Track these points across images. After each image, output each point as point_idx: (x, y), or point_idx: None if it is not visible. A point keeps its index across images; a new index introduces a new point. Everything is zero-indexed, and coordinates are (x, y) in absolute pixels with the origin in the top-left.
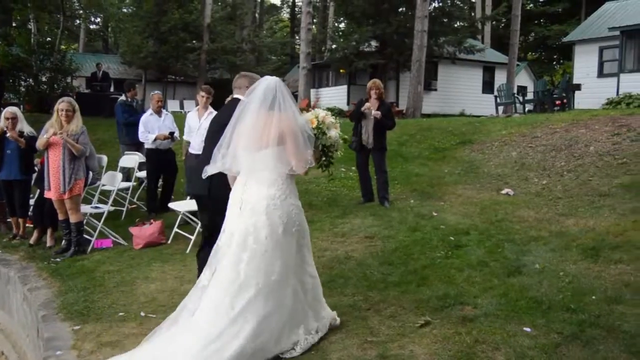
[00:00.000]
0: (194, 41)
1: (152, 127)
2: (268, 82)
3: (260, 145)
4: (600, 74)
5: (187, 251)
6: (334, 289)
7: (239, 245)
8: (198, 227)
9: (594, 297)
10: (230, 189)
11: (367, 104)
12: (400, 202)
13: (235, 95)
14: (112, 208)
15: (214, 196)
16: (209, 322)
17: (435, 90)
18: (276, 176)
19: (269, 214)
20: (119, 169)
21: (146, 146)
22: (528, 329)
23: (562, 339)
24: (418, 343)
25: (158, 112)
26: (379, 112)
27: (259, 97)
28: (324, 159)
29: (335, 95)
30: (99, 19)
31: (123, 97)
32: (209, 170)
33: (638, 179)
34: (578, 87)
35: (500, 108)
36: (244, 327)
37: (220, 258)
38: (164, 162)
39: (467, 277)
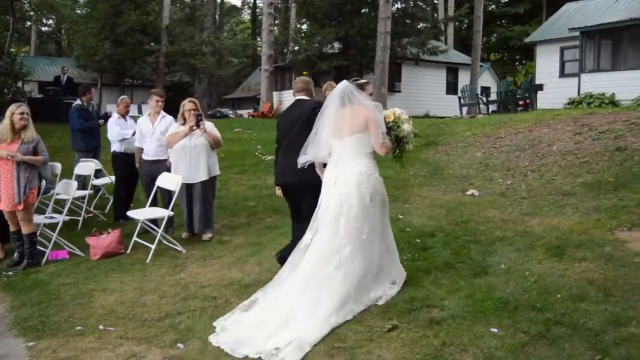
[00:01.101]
0: (152, 43)
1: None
2: (339, 86)
3: (346, 133)
4: (562, 74)
5: (147, 261)
6: None
7: (335, 212)
8: (158, 235)
9: (559, 296)
10: (314, 176)
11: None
12: None
13: (298, 97)
14: (68, 218)
15: (304, 183)
16: (310, 275)
17: (399, 91)
18: (362, 156)
19: (359, 186)
20: (74, 176)
21: (113, 149)
22: (495, 330)
23: (528, 338)
24: (386, 347)
25: (124, 117)
26: None
27: (336, 98)
28: (397, 151)
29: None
30: (51, 21)
31: (78, 102)
32: (302, 161)
33: (600, 177)
34: (540, 87)
35: (465, 109)
36: (342, 280)
37: (320, 222)
38: (131, 167)
39: (433, 280)
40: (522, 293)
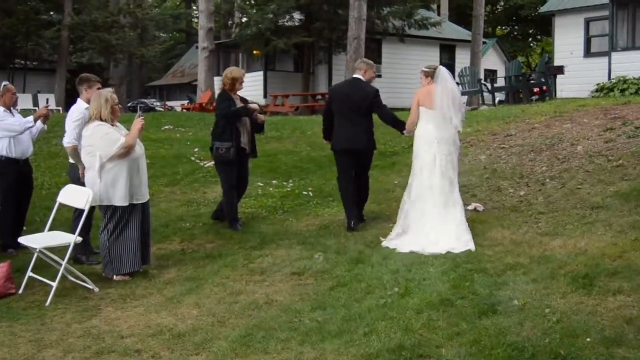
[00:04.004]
0: (52, 13)
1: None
2: (443, 70)
3: (447, 107)
4: (588, 53)
5: (47, 303)
6: (252, 345)
7: (442, 165)
8: (62, 270)
9: (588, 340)
10: (374, 142)
11: (253, 105)
12: (336, 226)
13: (356, 76)
14: None
15: (371, 147)
16: (432, 221)
17: (380, 76)
18: (452, 124)
19: (455, 143)
20: None
21: (0, 152)
22: None
23: None
24: None
25: (10, 110)
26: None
27: (444, 79)
28: None
29: (248, 86)
30: None
31: None
32: (459, 127)
33: (638, 185)
34: (560, 70)
35: (464, 99)
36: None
37: (429, 175)
38: (22, 179)
39: (427, 321)
40: (542, 337)
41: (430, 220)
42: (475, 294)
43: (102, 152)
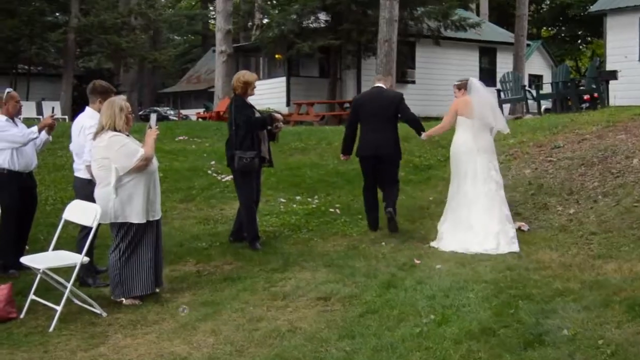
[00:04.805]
0: (58, 14)
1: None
2: (474, 80)
3: (486, 115)
4: None
5: (51, 329)
6: None
7: (484, 172)
8: (67, 292)
9: None
10: (399, 149)
11: (277, 115)
12: (366, 247)
13: (378, 84)
14: None
15: (395, 154)
16: (483, 218)
17: (413, 82)
18: (497, 128)
19: (493, 150)
20: None
21: (1, 165)
22: None
23: None
24: None
25: (12, 119)
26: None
27: (477, 89)
28: None
29: (268, 92)
30: None
31: None
32: (505, 130)
33: None
34: (613, 75)
35: (506, 107)
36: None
37: (472, 181)
38: (25, 193)
39: (466, 352)
40: None
41: (476, 221)
42: (519, 323)
43: (118, 164)
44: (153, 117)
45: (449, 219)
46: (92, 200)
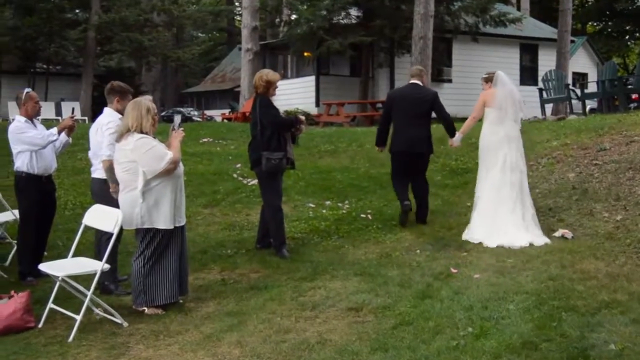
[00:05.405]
0: (77, 11)
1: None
2: (501, 73)
3: (510, 106)
4: None
5: (70, 339)
6: None
7: (512, 160)
8: (86, 301)
9: None
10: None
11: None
12: (399, 254)
13: (414, 81)
14: None
15: (428, 150)
16: (509, 208)
17: (449, 81)
18: (517, 121)
19: (520, 139)
20: None
21: (19, 168)
22: None
23: None
24: None
25: (32, 120)
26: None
27: (503, 82)
28: None
29: (297, 92)
30: None
31: None
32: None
33: None
34: None
35: (549, 107)
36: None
37: (501, 170)
38: (44, 197)
39: None
40: None
41: (505, 213)
42: (563, 336)
43: (147, 168)
44: (177, 118)
45: (477, 208)
46: (110, 202)
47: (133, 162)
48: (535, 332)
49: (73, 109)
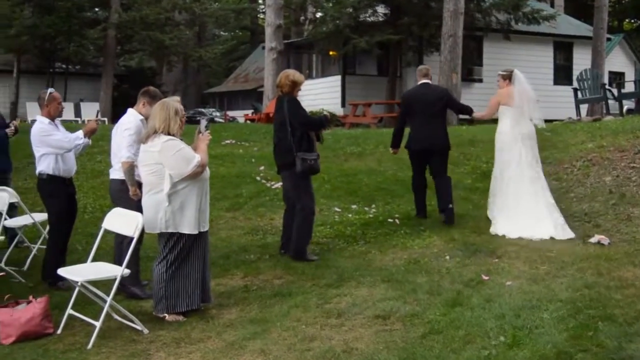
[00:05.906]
0: (97, 9)
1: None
2: (518, 72)
3: (526, 104)
4: None
5: (89, 346)
6: None
7: (528, 157)
8: (106, 307)
9: None
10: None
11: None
12: (428, 261)
13: (425, 81)
14: None
15: (446, 145)
16: (530, 204)
17: (480, 81)
18: (533, 120)
19: (534, 137)
20: None
21: (43, 171)
22: None
23: None
24: None
25: (53, 121)
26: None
27: (520, 81)
28: None
29: (322, 92)
30: None
31: None
32: (539, 122)
33: None
34: None
35: (584, 107)
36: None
37: (517, 167)
38: (72, 200)
39: None
40: None
41: (525, 207)
42: (599, 346)
43: (174, 171)
44: (203, 122)
45: (497, 204)
46: (128, 202)
47: (159, 165)
48: (570, 342)
49: (98, 111)
